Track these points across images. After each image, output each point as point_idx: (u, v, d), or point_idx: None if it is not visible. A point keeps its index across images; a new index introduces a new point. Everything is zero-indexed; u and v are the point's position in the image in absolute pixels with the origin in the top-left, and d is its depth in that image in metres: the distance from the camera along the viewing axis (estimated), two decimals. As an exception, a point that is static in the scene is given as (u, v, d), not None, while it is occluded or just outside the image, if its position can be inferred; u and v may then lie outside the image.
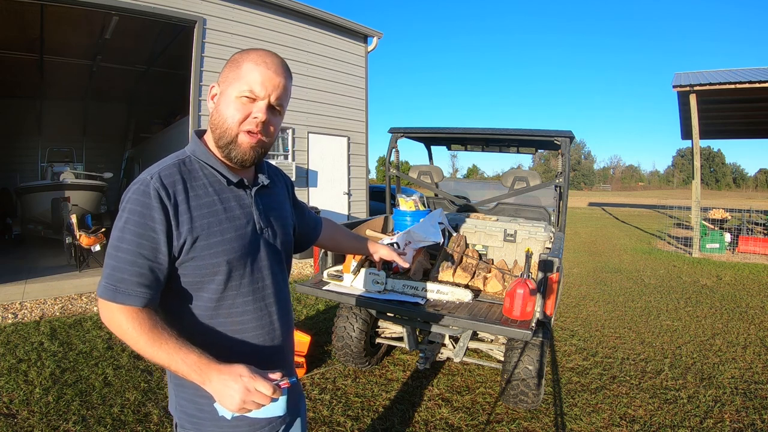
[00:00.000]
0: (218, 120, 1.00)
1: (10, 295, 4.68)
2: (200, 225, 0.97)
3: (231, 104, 0.98)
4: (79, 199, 7.74)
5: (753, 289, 6.27)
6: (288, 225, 1.19)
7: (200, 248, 0.97)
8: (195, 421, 1.04)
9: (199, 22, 6.39)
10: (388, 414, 2.81)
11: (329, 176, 8.53)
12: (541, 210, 3.88)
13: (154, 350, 0.89)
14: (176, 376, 1.01)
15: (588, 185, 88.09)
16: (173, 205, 0.94)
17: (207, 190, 1.00)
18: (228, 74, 1.00)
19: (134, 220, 0.92)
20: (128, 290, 0.91)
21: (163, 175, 0.96)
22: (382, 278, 2.86)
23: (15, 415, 2.61)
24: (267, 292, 1.08)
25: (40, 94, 10.74)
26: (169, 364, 0.90)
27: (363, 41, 9.05)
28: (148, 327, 0.90)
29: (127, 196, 0.94)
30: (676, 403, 3.02)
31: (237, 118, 0.98)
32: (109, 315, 0.93)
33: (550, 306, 2.51)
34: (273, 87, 0.99)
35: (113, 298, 0.91)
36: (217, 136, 1.01)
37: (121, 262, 0.91)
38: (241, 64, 0.99)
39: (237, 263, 1.01)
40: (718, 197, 41.28)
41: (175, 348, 0.89)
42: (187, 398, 1.04)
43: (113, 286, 0.91)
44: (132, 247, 0.91)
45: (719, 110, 11.17)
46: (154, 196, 0.92)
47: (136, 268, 0.92)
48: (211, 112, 1.03)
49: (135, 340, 0.90)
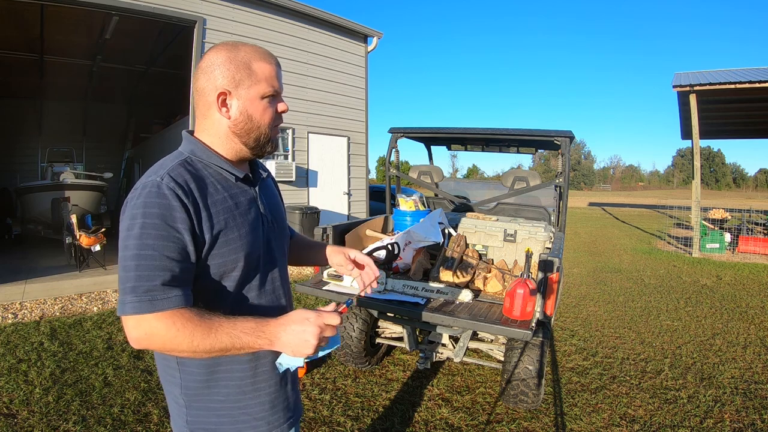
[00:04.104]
0: (250, 126, 1.01)
1: (10, 295, 4.68)
2: (218, 222, 0.96)
3: (259, 107, 1.00)
4: (79, 199, 7.74)
5: (753, 289, 6.27)
6: (284, 216, 1.23)
7: (221, 245, 0.96)
8: (212, 428, 1.02)
9: (199, 22, 6.39)
10: (388, 414, 2.81)
11: (329, 176, 8.53)
12: (541, 210, 3.88)
13: (213, 338, 0.86)
14: (185, 386, 1.00)
15: (588, 185, 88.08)
16: (192, 203, 0.92)
17: (216, 188, 1.00)
18: (237, 76, 0.98)
19: (154, 224, 0.87)
20: (165, 296, 0.86)
21: (174, 175, 0.93)
22: (382, 278, 2.86)
23: (15, 415, 2.61)
24: (276, 285, 1.11)
25: (40, 94, 10.75)
26: (233, 344, 0.87)
27: (363, 41, 9.05)
28: (197, 319, 0.87)
29: (137, 202, 0.89)
30: (676, 403, 3.02)
31: (268, 119, 1.02)
32: (147, 330, 0.86)
33: (550, 306, 2.51)
34: (280, 78, 1.04)
35: (151, 309, 0.85)
36: (252, 140, 1.03)
37: (148, 269, 0.85)
38: (251, 64, 0.98)
39: (253, 256, 1.03)
40: (718, 197, 41.27)
41: (231, 325, 0.87)
42: (200, 407, 1.01)
43: (148, 296, 0.85)
44: (158, 252, 0.86)
45: (719, 110, 11.16)
46: (171, 196, 0.89)
47: (168, 273, 0.87)
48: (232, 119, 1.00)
49: (189, 339, 0.85)
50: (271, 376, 1.06)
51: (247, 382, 1.02)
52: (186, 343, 0.86)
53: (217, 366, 1.00)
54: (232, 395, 1.01)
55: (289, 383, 1.12)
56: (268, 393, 1.06)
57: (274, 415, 1.07)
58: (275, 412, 1.07)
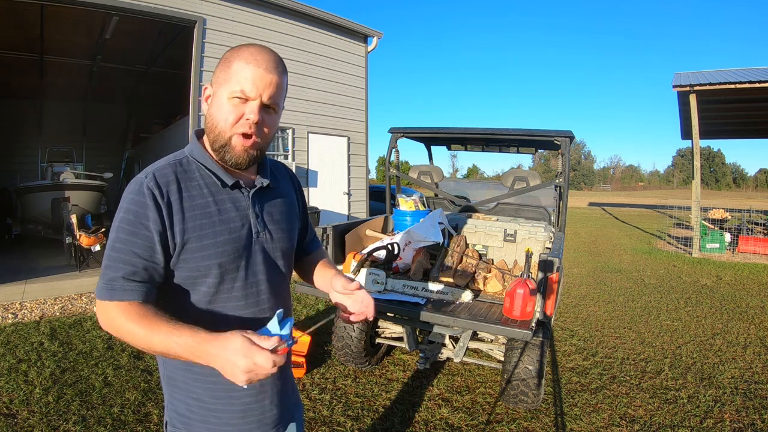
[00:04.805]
0: (211, 123, 0.98)
1: (10, 295, 4.68)
2: (192, 226, 0.95)
3: (223, 106, 0.95)
4: (79, 199, 7.74)
5: (753, 289, 6.27)
6: (291, 226, 1.16)
7: (192, 250, 0.95)
8: (185, 421, 1.03)
9: (199, 22, 6.39)
10: (388, 414, 2.81)
11: (329, 176, 8.53)
12: (541, 210, 3.88)
13: (150, 339, 0.87)
14: (168, 376, 1.03)
15: (588, 185, 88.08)
16: (166, 204, 0.93)
17: (202, 192, 0.98)
18: (219, 74, 0.97)
19: (128, 219, 0.92)
20: (123, 286, 0.90)
21: (158, 174, 0.95)
22: (382, 278, 2.86)
23: (15, 415, 2.61)
24: (262, 298, 1.05)
25: (40, 94, 10.75)
26: (167, 351, 0.86)
27: (363, 41, 9.05)
28: (142, 316, 0.88)
29: (125, 195, 0.95)
30: (676, 403, 3.02)
31: (230, 120, 0.95)
32: (106, 315, 0.91)
33: (550, 306, 2.51)
34: (265, 85, 0.94)
35: (110, 297, 0.90)
36: (211, 140, 0.99)
37: (115, 261, 0.91)
38: (232, 63, 0.95)
39: (229, 266, 0.99)
40: (718, 197, 41.26)
41: (169, 332, 0.86)
42: (179, 398, 1.04)
43: (109, 285, 0.91)
44: (126, 246, 0.91)
45: (719, 110, 11.17)
46: (147, 195, 0.92)
47: (130, 267, 0.91)
48: (205, 114, 1.01)
49: (133, 333, 0.88)
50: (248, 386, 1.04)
51: (221, 388, 1.00)
52: (131, 338, 0.89)
53: (193, 366, 0.97)
54: (205, 396, 1.01)
55: (268, 398, 1.07)
56: (243, 402, 1.03)
57: (247, 425, 1.04)
58: (248, 422, 1.05)
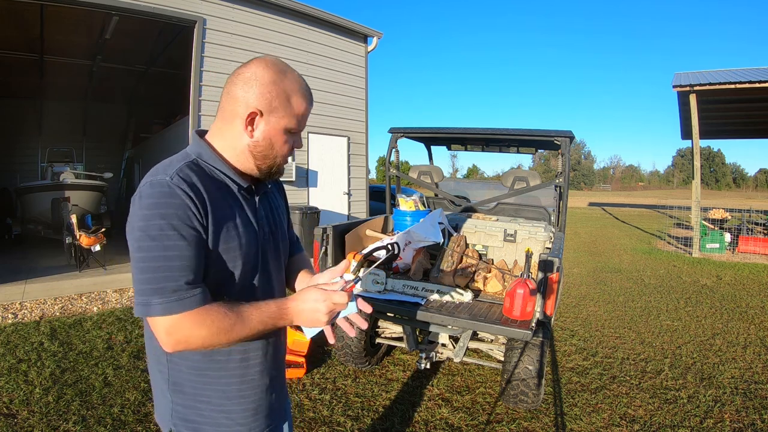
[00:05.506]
0: (267, 151, 1.01)
1: (10, 295, 4.68)
2: (221, 228, 0.95)
3: (281, 137, 1.01)
4: (79, 199, 7.74)
5: (753, 289, 6.27)
6: (285, 225, 1.23)
7: (222, 251, 0.96)
8: (195, 427, 1.02)
9: (199, 22, 6.39)
10: (388, 414, 2.81)
11: (329, 176, 8.53)
12: (541, 210, 3.88)
13: (248, 324, 0.92)
14: (173, 382, 1.01)
15: (588, 185, 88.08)
16: (201, 203, 0.91)
17: (221, 194, 0.99)
18: (274, 102, 0.97)
19: (169, 224, 0.86)
20: (192, 294, 0.87)
21: (183, 175, 0.92)
22: (382, 278, 2.86)
23: (15, 415, 2.61)
24: (274, 294, 1.11)
25: (40, 94, 10.75)
26: (265, 327, 0.96)
27: (363, 41, 9.04)
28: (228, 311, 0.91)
29: (149, 201, 0.87)
30: (676, 403, 3.02)
31: (285, 152, 1.04)
32: (180, 332, 0.87)
33: (550, 306, 2.51)
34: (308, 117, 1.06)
35: (182, 308, 0.86)
36: (265, 165, 1.04)
37: (170, 270, 0.86)
38: (291, 96, 0.98)
39: (250, 267, 1.02)
40: (718, 197, 41.26)
41: (258, 312, 0.95)
42: (186, 404, 1.02)
43: (175, 296, 0.86)
44: (178, 252, 0.87)
45: (719, 110, 11.17)
46: (183, 194, 0.88)
47: (189, 272, 0.88)
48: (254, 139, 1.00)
49: (225, 330, 0.90)
50: (258, 384, 1.06)
51: (234, 389, 1.03)
52: (226, 334, 0.91)
53: (206, 371, 1.00)
54: (217, 399, 1.02)
55: (274, 392, 1.12)
56: (254, 400, 1.06)
57: (256, 422, 1.07)
58: (257, 419, 1.08)
